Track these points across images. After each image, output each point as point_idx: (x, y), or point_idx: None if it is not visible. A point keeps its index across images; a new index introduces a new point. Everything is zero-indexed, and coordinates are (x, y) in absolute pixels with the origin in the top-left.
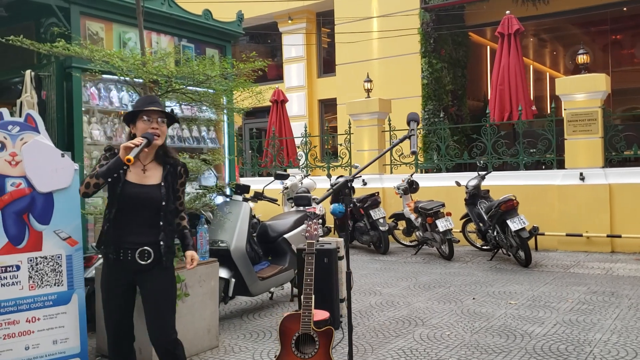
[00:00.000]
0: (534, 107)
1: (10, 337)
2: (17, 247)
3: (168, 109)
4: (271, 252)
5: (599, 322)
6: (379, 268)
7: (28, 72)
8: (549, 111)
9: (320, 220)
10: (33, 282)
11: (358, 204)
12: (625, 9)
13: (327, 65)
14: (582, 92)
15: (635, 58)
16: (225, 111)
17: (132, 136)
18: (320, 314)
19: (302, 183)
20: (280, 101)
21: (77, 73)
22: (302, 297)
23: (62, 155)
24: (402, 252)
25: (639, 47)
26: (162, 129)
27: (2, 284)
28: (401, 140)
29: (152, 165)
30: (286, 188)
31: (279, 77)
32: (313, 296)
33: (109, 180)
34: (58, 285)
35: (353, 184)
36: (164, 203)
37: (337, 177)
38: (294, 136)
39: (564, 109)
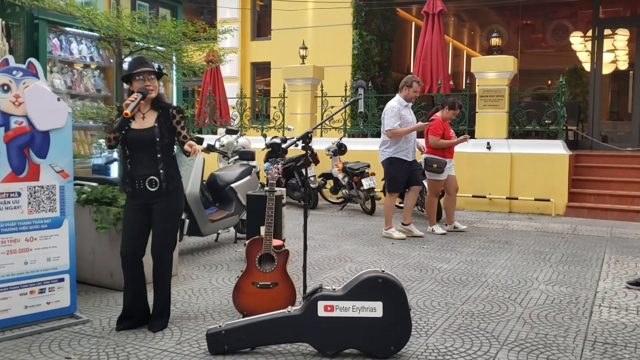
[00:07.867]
0: (451, 82)
1: (12, 252)
2: (18, 176)
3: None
4: (219, 199)
5: (494, 261)
6: (310, 220)
7: None
8: (464, 86)
9: (279, 166)
10: (31, 207)
11: (291, 163)
12: None
13: (260, 28)
14: (493, 71)
15: (542, 42)
16: (174, 69)
17: (130, 93)
18: (276, 241)
19: (237, 142)
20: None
21: (43, 24)
22: (264, 225)
23: (58, 99)
24: (329, 208)
25: (546, 33)
26: (154, 84)
27: (6, 207)
28: (350, 103)
29: (150, 112)
30: (222, 145)
31: (212, 38)
32: (273, 224)
33: (123, 132)
34: (52, 211)
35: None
36: (157, 139)
37: (272, 138)
38: (227, 97)
39: (477, 85)
